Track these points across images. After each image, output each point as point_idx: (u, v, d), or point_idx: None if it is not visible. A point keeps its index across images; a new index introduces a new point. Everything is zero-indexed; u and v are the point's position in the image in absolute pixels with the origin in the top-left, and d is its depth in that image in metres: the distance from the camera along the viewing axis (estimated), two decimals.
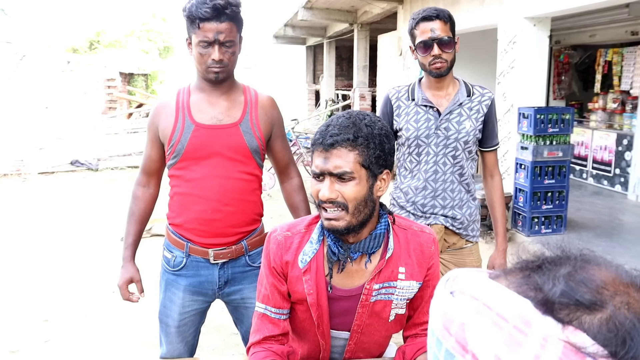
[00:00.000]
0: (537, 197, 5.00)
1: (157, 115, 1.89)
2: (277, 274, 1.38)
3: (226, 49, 1.77)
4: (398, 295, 1.37)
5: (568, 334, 0.48)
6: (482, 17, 5.65)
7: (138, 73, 18.58)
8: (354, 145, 1.22)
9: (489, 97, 2.15)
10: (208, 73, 1.79)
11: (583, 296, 0.49)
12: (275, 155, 2.02)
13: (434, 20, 2.02)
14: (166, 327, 1.96)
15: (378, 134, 1.26)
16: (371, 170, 1.25)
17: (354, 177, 1.23)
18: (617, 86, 7.64)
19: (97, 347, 3.17)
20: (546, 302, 0.50)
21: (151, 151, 1.94)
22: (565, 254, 0.57)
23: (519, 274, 0.56)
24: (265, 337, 1.39)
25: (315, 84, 17.05)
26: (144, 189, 1.99)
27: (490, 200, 2.28)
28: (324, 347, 1.44)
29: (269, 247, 1.40)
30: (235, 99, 1.88)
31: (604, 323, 0.48)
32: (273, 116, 1.95)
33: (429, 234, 1.42)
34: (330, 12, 10.35)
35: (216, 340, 3.19)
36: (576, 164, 7.62)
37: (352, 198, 1.24)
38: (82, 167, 9.13)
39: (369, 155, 1.23)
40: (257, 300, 1.44)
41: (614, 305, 0.48)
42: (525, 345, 0.48)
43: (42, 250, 4.98)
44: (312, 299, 1.35)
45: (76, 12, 22.46)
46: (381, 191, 1.30)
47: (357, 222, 1.27)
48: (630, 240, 4.96)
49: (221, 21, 1.72)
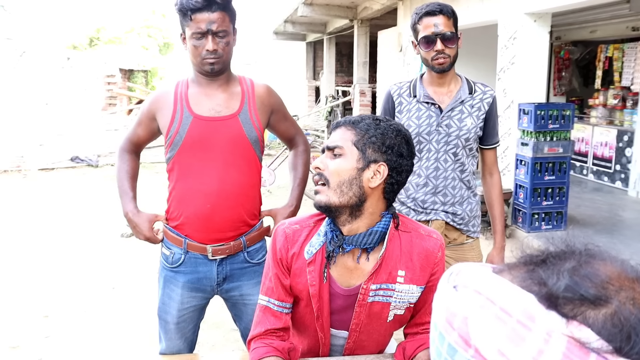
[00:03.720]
0: (537, 194, 5.00)
1: (155, 103, 1.89)
2: (282, 267, 1.40)
3: (220, 39, 1.76)
4: (397, 298, 1.36)
5: (572, 329, 0.47)
6: (483, 12, 5.64)
7: (138, 69, 18.55)
8: (354, 126, 1.32)
9: (490, 95, 2.15)
10: (203, 65, 1.78)
11: (587, 291, 0.49)
12: (282, 134, 2.07)
13: (437, 15, 2.01)
14: (165, 324, 1.96)
15: (384, 128, 1.31)
16: (363, 153, 1.29)
17: (343, 153, 1.30)
18: (617, 82, 7.63)
19: (97, 343, 3.18)
20: (550, 297, 0.50)
21: (139, 130, 1.97)
22: (569, 248, 0.56)
23: (523, 269, 0.56)
24: (267, 330, 1.39)
25: (315, 81, 17.03)
26: (129, 155, 2.03)
27: (488, 198, 2.28)
28: (323, 342, 1.44)
29: (277, 240, 1.41)
30: (232, 90, 1.88)
31: (609, 318, 0.47)
32: (271, 103, 1.96)
33: (436, 239, 1.40)
34: (330, 8, 10.33)
35: (216, 336, 3.19)
36: (576, 160, 7.61)
37: (335, 172, 1.29)
38: (82, 164, 9.12)
39: (364, 138, 1.30)
40: (261, 292, 1.45)
41: (619, 301, 0.48)
42: (528, 340, 0.48)
43: (42, 246, 4.98)
44: (314, 290, 1.36)
45: (76, 9, 22.42)
46: (372, 183, 1.29)
47: (339, 202, 1.29)
48: (631, 236, 4.96)
49: (213, 11, 1.72)
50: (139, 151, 2.06)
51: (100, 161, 9.28)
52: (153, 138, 1.99)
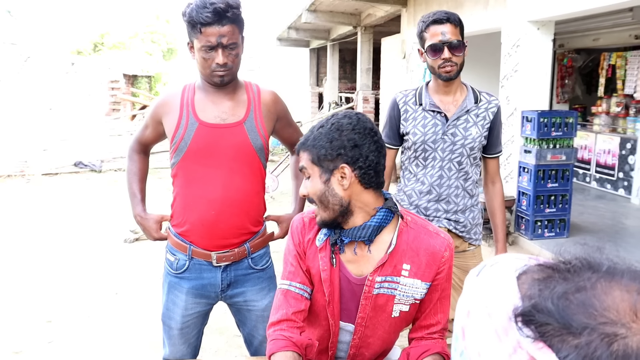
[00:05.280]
0: (540, 201, 5.00)
1: (162, 107, 1.89)
2: (300, 252, 1.48)
3: (230, 52, 1.74)
4: (401, 292, 1.39)
5: (535, 349, 0.47)
6: (486, 20, 5.66)
7: (142, 75, 18.64)
8: (305, 146, 1.39)
9: (495, 105, 2.16)
10: (213, 77, 1.78)
11: (565, 317, 0.47)
12: (285, 140, 2.09)
13: (445, 23, 2.02)
14: (169, 329, 1.96)
15: (327, 132, 1.35)
16: (322, 167, 1.35)
17: (310, 174, 1.39)
18: (620, 90, 7.64)
19: (101, 349, 3.18)
20: (526, 314, 0.50)
21: (147, 132, 1.99)
22: (591, 264, 0.54)
23: (543, 274, 0.55)
24: (287, 315, 1.42)
25: (319, 87, 17.06)
26: (139, 155, 2.05)
27: (490, 207, 2.28)
28: (333, 330, 1.46)
29: (295, 226, 1.51)
30: (239, 98, 1.87)
31: (576, 350, 0.46)
32: (277, 111, 1.96)
33: (444, 239, 1.42)
34: (333, 14, 10.37)
35: (219, 341, 3.19)
36: (579, 168, 7.61)
37: (312, 193, 1.38)
38: (86, 169, 9.15)
39: (317, 153, 1.35)
40: (282, 278, 1.48)
41: (600, 334, 0.45)
42: (501, 347, 0.50)
43: (46, 251, 4.99)
44: (326, 275, 1.42)
45: (80, 14, 22.53)
46: (344, 185, 1.33)
47: (329, 216, 1.38)
48: (634, 244, 4.95)
49: (223, 24, 1.70)
50: (148, 150, 2.09)
51: (103, 166, 9.31)
52: (161, 139, 2.01)
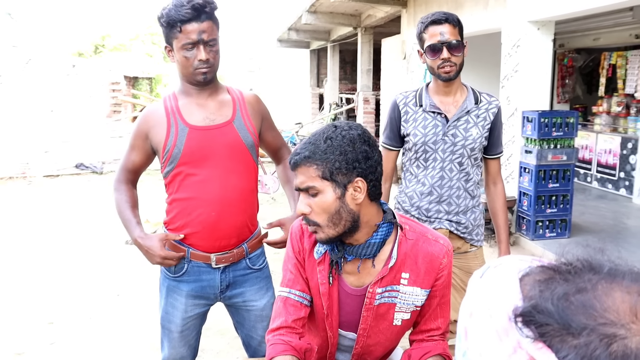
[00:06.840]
0: (541, 201, 5.00)
1: (146, 122, 1.86)
2: (300, 261, 1.44)
3: (210, 48, 1.77)
4: (401, 300, 1.38)
5: (535, 349, 0.48)
6: (486, 20, 5.66)
7: (142, 76, 18.64)
8: (312, 161, 1.27)
9: (495, 105, 2.16)
10: (195, 75, 1.78)
11: (564, 318, 0.48)
12: (268, 145, 2.07)
13: (443, 23, 2.03)
14: (169, 332, 1.96)
15: (339, 145, 1.26)
16: (335, 181, 1.27)
17: (319, 191, 1.27)
18: (621, 89, 7.64)
19: (102, 350, 3.18)
20: (526, 314, 0.50)
21: (133, 156, 1.91)
22: (593, 266, 0.54)
23: (545, 275, 0.55)
24: (286, 322, 1.40)
25: (319, 88, 17.07)
26: (126, 185, 1.94)
27: (492, 208, 2.28)
28: (332, 342, 1.46)
29: (294, 233, 1.46)
30: (222, 98, 1.89)
31: (576, 350, 0.46)
32: (261, 110, 1.99)
33: (443, 245, 1.40)
34: (334, 15, 10.38)
35: (220, 343, 3.19)
36: (580, 168, 7.61)
37: (320, 211, 1.28)
38: (87, 171, 9.16)
39: (329, 167, 1.26)
40: (281, 285, 1.46)
41: (599, 335, 0.46)
42: (502, 347, 0.51)
43: (47, 253, 4.99)
44: (325, 289, 1.40)
45: (81, 16, 22.55)
46: (357, 200, 1.28)
47: (337, 233, 1.30)
48: (635, 244, 4.95)
49: (202, 20, 1.73)
50: (135, 179, 1.98)
51: (104, 168, 9.32)
52: (149, 162, 1.94)
